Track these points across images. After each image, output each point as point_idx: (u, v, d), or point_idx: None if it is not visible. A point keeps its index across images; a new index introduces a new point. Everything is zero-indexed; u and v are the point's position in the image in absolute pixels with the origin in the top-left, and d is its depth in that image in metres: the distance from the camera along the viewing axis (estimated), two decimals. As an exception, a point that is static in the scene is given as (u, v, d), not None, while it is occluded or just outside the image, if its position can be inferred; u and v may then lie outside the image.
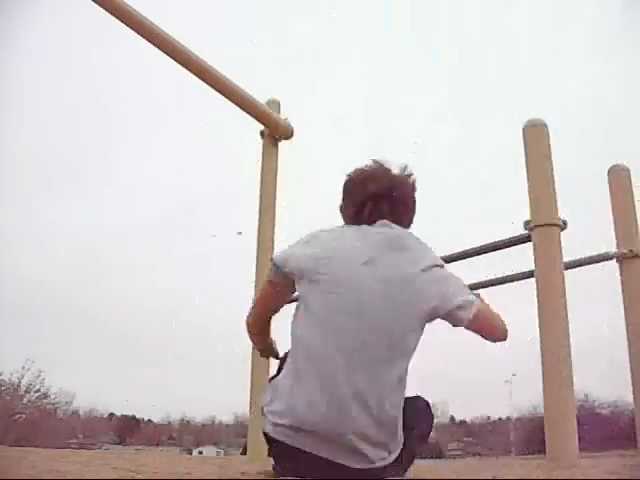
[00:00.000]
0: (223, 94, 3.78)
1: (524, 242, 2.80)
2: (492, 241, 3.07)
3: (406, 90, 66.37)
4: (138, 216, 61.98)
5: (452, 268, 3.28)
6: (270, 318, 1.90)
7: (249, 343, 3.74)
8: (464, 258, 3.21)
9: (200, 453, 41.54)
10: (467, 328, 1.62)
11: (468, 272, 3.52)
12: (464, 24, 63.51)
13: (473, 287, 3.55)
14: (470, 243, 3.19)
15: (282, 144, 4.19)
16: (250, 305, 1.93)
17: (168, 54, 3.52)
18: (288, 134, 4.17)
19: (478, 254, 3.17)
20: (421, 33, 68.23)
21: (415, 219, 1.81)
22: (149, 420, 60.26)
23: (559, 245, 2.67)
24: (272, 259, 1.78)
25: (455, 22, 65.40)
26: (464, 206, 56.83)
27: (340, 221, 1.95)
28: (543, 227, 2.68)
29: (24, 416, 31.51)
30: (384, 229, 1.67)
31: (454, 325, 1.62)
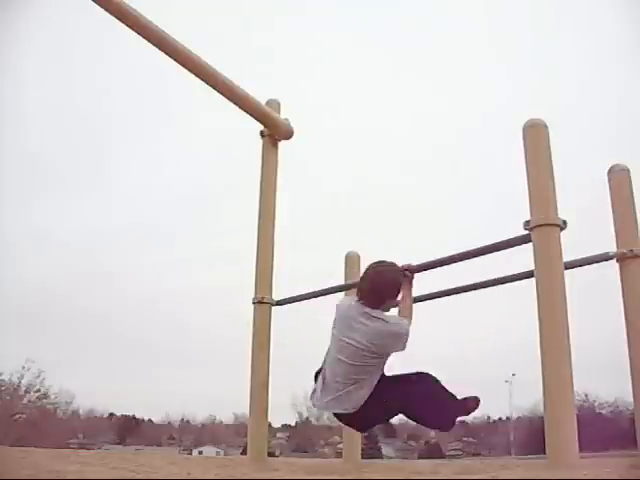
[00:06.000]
0: (224, 94, 3.78)
1: (524, 242, 2.80)
2: (492, 241, 3.07)
3: (405, 90, 66.37)
4: (138, 216, 61.95)
5: (453, 268, 3.30)
6: None
7: (249, 343, 3.72)
8: (465, 258, 3.20)
9: (200, 453, 41.55)
10: None
11: (469, 272, 3.53)
12: (464, 24, 63.50)
13: (474, 287, 3.57)
14: (470, 243, 3.20)
15: (282, 144, 4.20)
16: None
17: (169, 54, 3.53)
18: (288, 134, 4.18)
19: (479, 254, 3.17)
20: (421, 33, 68.20)
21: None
22: (149, 420, 60.31)
23: (559, 245, 2.67)
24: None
25: (455, 22, 65.37)
26: (464, 206, 56.84)
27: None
28: (543, 227, 2.68)
29: (24, 416, 31.51)
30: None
31: None
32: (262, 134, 4.15)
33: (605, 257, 3.25)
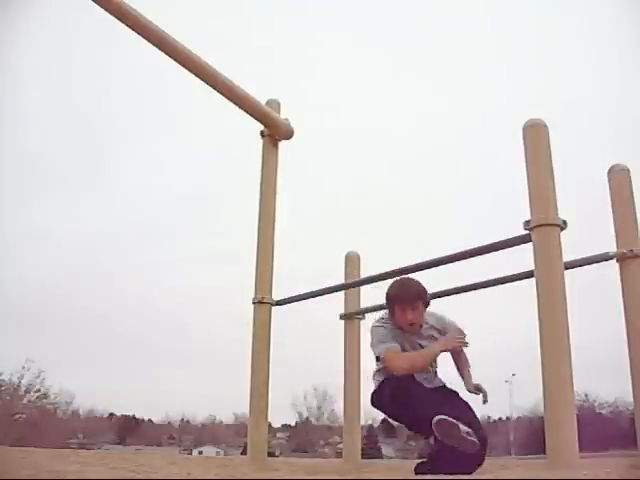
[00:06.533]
0: (224, 95, 3.78)
1: (524, 242, 2.80)
2: (492, 241, 3.07)
3: (405, 90, 66.35)
4: (138, 216, 61.95)
5: (453, 268, 3.30)
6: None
7: (249, 343, 3.70)
8: (464, 258, 3.20)
9: (200, 453, 41.54)
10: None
11: (468, 272, 3.53)
12: (464, 24, 63.46)
13: (474, 287, 3.57)
14: (470, 243, 3.20)
15: (282, 144, 4.19)
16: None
17: (169, 54, 3.53)
18: (288, 134, 4.17)
19: (478, 254, 3.17)
20: (421, 33, 68.16)
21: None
22: (149, 420, 60.31)
23: (559, 245, 2.67)
24: None
25: (455, 22, 65.34)
26: (464, 207, 56.81)
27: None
28: (543, 227, 2.68)
29: (24, 416, 31.52)
30: None
31: None
32: (262, 134, 4.15)
33: (605, 257, 3.25)
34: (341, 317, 4.14)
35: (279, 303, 3.89)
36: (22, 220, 57.56)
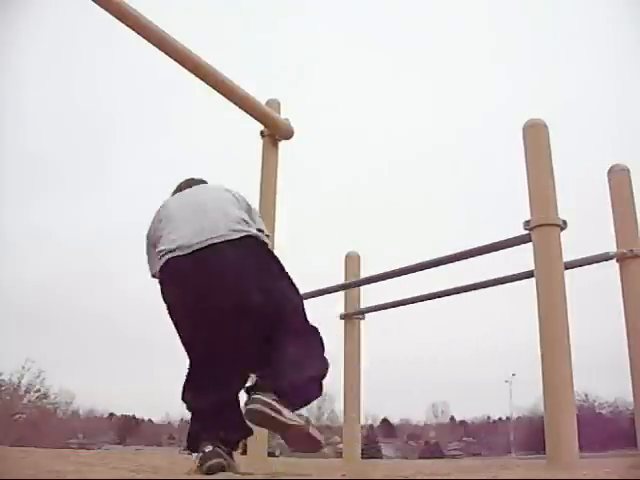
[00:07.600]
0: (224, 94, 3.78)
1: (524, 242, 2.80)
2: (492, 241, 3.07)
3: (405, 90, 66.37)
4: (138, 216, 61.69)
5: (453, 268, 3.30)
6: None
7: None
8: (465, 258, 3.21)
9: (200, 453, 41.44)
10: None
11: (468, 272, 3.53)
12: (464, 24, 63.48)
13: (474, 287, 3.57)
14: (470, 243, 3.20)
15: (282, 144, 4.19)
16: None
17: (169, 54, 3.52)
18: (288, 134, 4.17)
19: (478, 254, 3.17)
20: (422, 33, 68.15)
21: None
22: (149, 420, 60.30)
23: (559, 245, 2.67)
24: None
25: (455, 22, 65.37)
26: (464, 206, 56.82)
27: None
28: (543, 227, 2.68)
29: (24, 416, 31.48)
30: None
31: None
32: (262, 134, 4.15)
33: (605, 257, 3.25)
34: (341, 317, 4.14)
35: (279, 303, 3.88)
36: (22, 220, 57.53)
